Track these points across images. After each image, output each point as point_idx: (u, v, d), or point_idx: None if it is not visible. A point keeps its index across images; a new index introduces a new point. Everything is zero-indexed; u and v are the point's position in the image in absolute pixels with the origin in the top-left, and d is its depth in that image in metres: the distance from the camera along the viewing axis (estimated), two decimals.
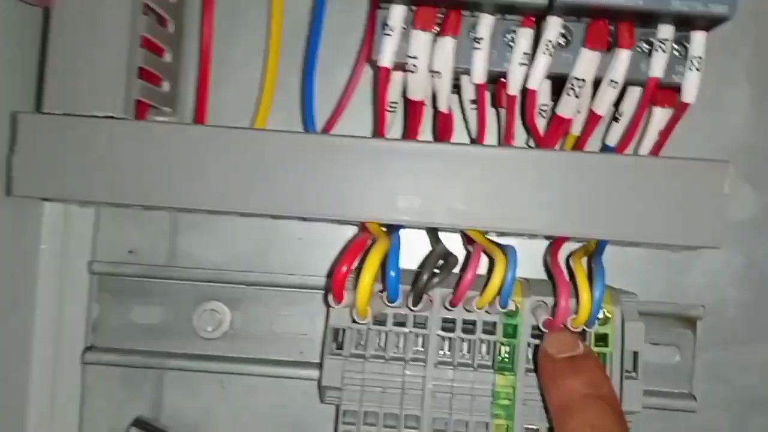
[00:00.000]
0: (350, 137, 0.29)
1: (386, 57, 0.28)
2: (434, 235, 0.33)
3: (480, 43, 0.28)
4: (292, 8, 0.34)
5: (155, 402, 0.37)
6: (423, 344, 0.32)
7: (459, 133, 0.35)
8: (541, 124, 0.31)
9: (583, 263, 0.31)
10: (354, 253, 0.29)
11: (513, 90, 0.29)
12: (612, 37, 0.29)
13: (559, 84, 0.30)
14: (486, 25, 0.28)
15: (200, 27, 0.33)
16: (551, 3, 0.27)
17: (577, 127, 0.32)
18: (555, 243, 0.32)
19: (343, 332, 0.32)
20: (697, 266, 0.36)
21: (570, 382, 0.29)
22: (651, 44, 0.29)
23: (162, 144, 0.29)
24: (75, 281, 0.37)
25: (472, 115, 0.33)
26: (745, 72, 0.36)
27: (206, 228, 0.37)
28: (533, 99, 0.29)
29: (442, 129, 0.32)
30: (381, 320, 0.32)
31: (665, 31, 0.28)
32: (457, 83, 0.31)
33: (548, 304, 0.32)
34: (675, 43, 0.29)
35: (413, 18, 0.28)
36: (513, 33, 0.29)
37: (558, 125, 0.30)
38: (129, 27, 0.29)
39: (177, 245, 0.37)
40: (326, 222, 0.36)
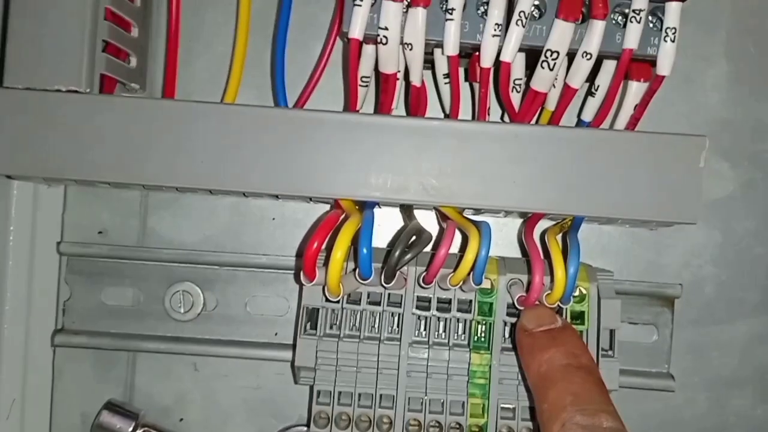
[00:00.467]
0: (321, 111, 0.29)
1: (356, 28, 0.28)
2: (408, 212, 0.33)
3: (452, 14, 0.28)
4: None
5: (127, 384, 0.37)
6: (398, 323, 0.32)
7: (433, 109, 0.34)
8: (516, 99, 0.31)
9: (558, 240, 0.30)
10: (325, 230, 0.29)
11: (486, 63, 0.28)
12: (585, 8, 0.28)
13: (534, 57, 0.29)
14: None
15: (168, 1, 0.32)
16: None
17: (553, 102, 0.31)
18: (530, 220, 0.32)
19: (317, 312, 0.32)
20: (675, 245, 0.36)
21: (549, 354, 0.28)
22: (626, 15, 0.28)
23: (127, 119, 0.28)
24: (44, 263, 0.36)
25: (446, 90, 0.32)
26: (723, 48, 0.36)
27: (178, 208, 0.36)
28: (507, 72, 0.29)
29: (415, 103, 0.32)
30: (355, 299, 0.32)
31: (640, 2, 0.28)
32: (430, 57, 0.31)
33: (524, 282, 0.31)
34: (650, 15, 0.29)
35: None
36: (485, 5, 0.28)
37: (533, 99, 0.30)
38: None
39: (148, 225, 0.36)
40: (300, 201, 0.36)
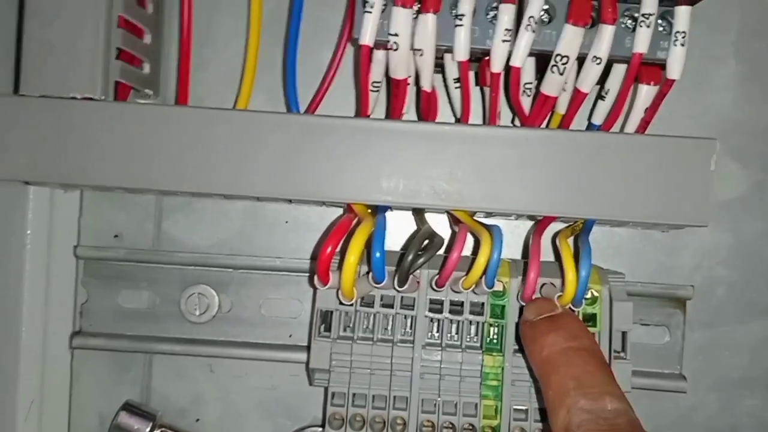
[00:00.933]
0: (333, 117, 0.29)
1: (367, 35, 0.28)
2: (420, 216, 0.33)
3: (462, 20, 0.28)
4: None
5: (144, 386, 0.37)
6: (411, 326, 0.32)
7: (444, 114, 0.34)
8: (526, 103, 0.31)
9: (570, 243, 0.31)
10: (339, 234, 0.29)
11: (496, 67, 0.28)
12: (595, 13, 0.28)
13: (544, 62, 0.29)
14: (467, 2, 0.28)
15: (180, 8, 0.33)
16: None
17: (563, 106, 0.31)
18: (541, 222, 0.32)
19: (331, 314, 0.32)
20: (686, 246, 0.36)
21: (550, 338, 0.28)
22: (635, 20, 0.28)
23: (142, 125, 0.29)
24: (61, 266, 0.37)
25: (457, 95, 0.32)
26: (732, 49, 0.36)
27: (192, 212, 0.37)
28: (517, 77, 0.29)
29: (426, 108, 0.32)
30: (369, 302, 0.32)
31: (649, 5, 0.28)
32: (441, 62, 0.31)
33: None
34: (660, 19, 0.29)
35: None
36: (495, 10, 0.28)
37: (543, 103, 0.30)
38: (106, 7, 0.29)
39: (163, 229, 0.37)
40: (312, 204, 0.36)
